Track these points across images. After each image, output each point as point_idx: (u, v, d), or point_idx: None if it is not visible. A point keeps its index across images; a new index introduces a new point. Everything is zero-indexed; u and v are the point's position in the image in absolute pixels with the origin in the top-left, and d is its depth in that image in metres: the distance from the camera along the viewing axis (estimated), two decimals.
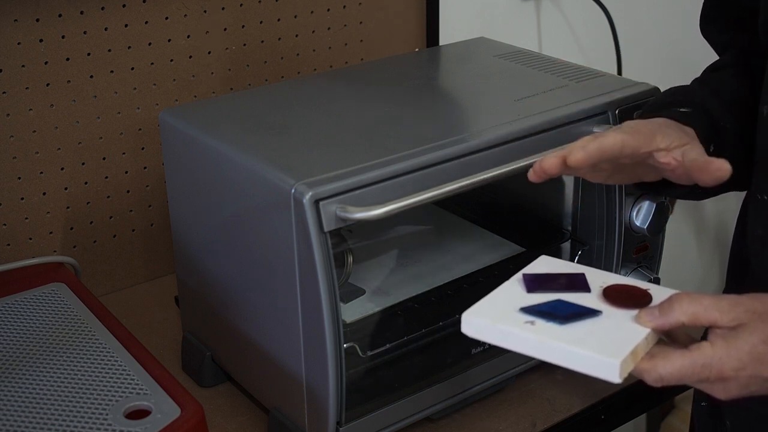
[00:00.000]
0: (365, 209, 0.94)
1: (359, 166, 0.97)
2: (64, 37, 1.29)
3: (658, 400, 1.37)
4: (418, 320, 1.12)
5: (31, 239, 1.34)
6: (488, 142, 1.05)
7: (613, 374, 0.73)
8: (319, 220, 0.93)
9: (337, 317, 0.96)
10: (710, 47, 1.10)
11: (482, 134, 1.06)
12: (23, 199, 1.32)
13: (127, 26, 1.34)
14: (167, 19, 1.37)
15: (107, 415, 0.96)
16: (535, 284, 0.83)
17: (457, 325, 0.81)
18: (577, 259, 1.21)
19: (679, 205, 2.26)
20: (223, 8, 1.42)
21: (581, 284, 0.83)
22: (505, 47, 1.38)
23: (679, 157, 0.86)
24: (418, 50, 1.63)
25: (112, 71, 1.35)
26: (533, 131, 1.08)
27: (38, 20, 1.26)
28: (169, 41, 1.38)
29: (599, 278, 0.84)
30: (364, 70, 1.36)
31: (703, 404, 1.04)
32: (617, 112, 1.13)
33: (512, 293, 0.83)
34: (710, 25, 1.07)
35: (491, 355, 1.13)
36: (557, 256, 1.15)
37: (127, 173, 1.40)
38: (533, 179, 0.88)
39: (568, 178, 1.21)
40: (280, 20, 1.48)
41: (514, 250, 1.26)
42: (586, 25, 1.91)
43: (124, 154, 1.39)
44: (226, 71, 1.45)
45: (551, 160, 0.85)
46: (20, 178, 1.31)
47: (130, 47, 1.35)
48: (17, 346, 1.08)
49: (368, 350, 1.07)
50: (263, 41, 1.47)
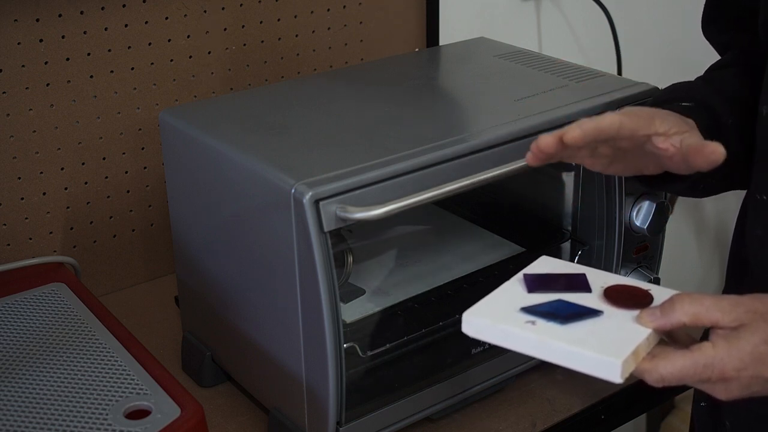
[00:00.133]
0: (365, 209, 0.94)
1: (359, 166, 0.97)
2: (64, 37, 1.29)
3: (658, 400, 1.37)
4: (418, 320, 1.12)
5: (31, 239, 1.34)
6: (488, 142, 1.05)
7: (614, 374, 0.73)
8: (319, 220, 0.93)
9: (337, 317, 0.96)
10: (710, 47, 1.10)
11: (482, 134, 1.06)
12: (23, 199, 1.32)
13: (127, 26, 1.34)
14: (167, 19, 1.37)
15: (107, 415, 0.96)
16: (535, 284, 0.83)
17: (457, 325, 0.81)
18: (577, 259, 1.21)
19: (679, 205, 2.26)
20: (223, 8, 1.42)
21: (582, 284, 0.83)
22: (505, 47, 1.38)
23: (677, 143, 0.85)
24: (418, 50, 1.63)
25: (112, 71, 1.35)
26: (533, 131, 1.07)
27: (38, 20, 1.26)
28: (169, 41, 1.38)
29: (600, 278, 0.84)
30: (364, 70, 1.36)
31: (702, 404, 1.04)
32: (617, 112, 1.13)
33: (513, 293, 0.83)
34: (711, 25, 1.07)
35: (491, 355, 1.13)
36: (557, 256, 1.15)
37: (127, 173, 1.40)
38: (531, 162, 0.87)
39: (567, 177, 1.21)
40: (280, 20, 1.48)
41: (514, 250, 1.26)
42: (586, 25, 1.91)
43: (124, 154, 1.39)
44: (226, 71, 1.45)
45: (547, 138, 0.84)
46: (20, 178, 1.31)
47: (130, 47, 1.35)
48: (17, 346, 1.08)
49: (368, 350, 1.07)
50: (263, 41, 1.47)
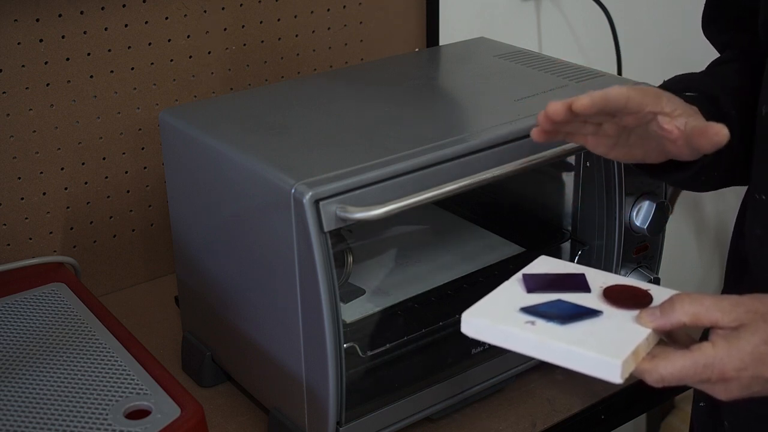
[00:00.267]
0: (365, 209, 0.94)
1: (359, 166, 0.97)
2: (64, 37, 1.29)
3: (658, 400, 1.37)
4: (418, 320, 1.12)
5: (31, 239, 1.34)
6: (488, 142, 1.05)
7: (614, 374, 0.73)
8: (319, 220, 0.93)
9: (337, 317, 0.96)
10: (710, 47, 1.09)
11: (482, 134, 1.06)
12: (23, 199, 1.32)
13: (127, 26, 1.34)
14: (167, 19, 1.37)
15: (107, 415, 0.96)
16: (535, 284, 0.83)
17: (457, 325, 0.81)
18: (577, 259, 1.21)
19: (679, 205, 2.26)
20: (223, 8, 1.42)
21: (581, 284, 0.83)
22: (505, 47, 1.38)
23: (681, 125, 0.85)
24: (418, 50, 1.63)
25: (112, 71, 1.35)
26: (531, 132, 1.07)
27: (38, 20, 1.26)
28: (169, 41, 1.38)
29: (599, 278, 0.84)
30: (364, 70, 1.36)
31: (701, 404, 1.04)
32: None
33: (512, 293, 0.83)
34: (711, 25, 1.06)
35: (491, 355, 1.13)
36: (557, 256, 1.15)
37: (127, 173, 1.40)
38: (537, 137, 0.86)
39: (567, 177, 1.21)
40: (280, 20, 1.48)
41: (514, 250, 1.26)
42: (586, 25, 1.91)
43: (124, 154, 1.39)
44: (226, 71, 1.45)
45: (556, 105, 0.83)
46: (20, 178, 1.31)
47: (130, 47, 1.35)
48: (17, 346, 1.08)
49: (368, 350, 1.07)
50: (263, 41, 1.47)
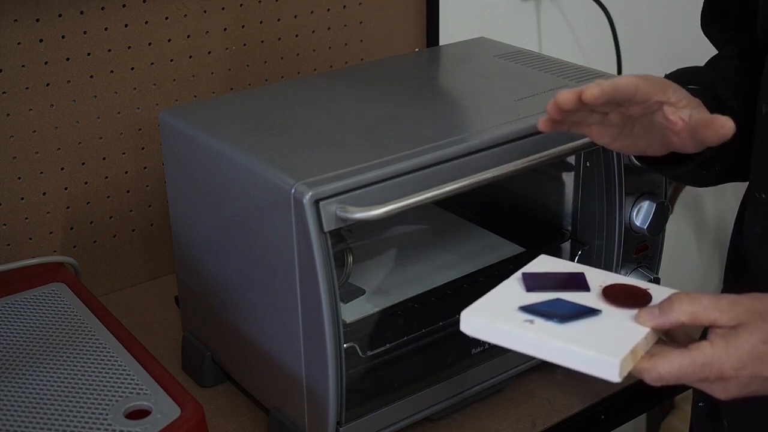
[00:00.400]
0: (365, 209, 0.94)
1: (359, 166, 0.97)
2: (64, 37, 1.29)
3: (658, 400, 1.37)
4: (418, 320, 1.12)
5: (31, 239, 1.34)
6: (488, 142, 1.05)
7: (612, 373, 0.73)
8: (319, 220, 0.93)
9: (337, 317, 0.96)
10: (710, 47, 1.09)
11: (482, 134, 1.06)
12: (23, 199, 1.32)
13: (127, 26, 1.34)
14: (167, 19, 1.37)
15: (107, 415, 0.96)
16: (534, 283, 0.83)
17: (456, 325, 0.81)
18: (577, 259, 1.21)
19: (679, 205, 2.26)
20: (223, 8, 1.42)
21: (581, 283, 0.83)
22: (505, 47, 1.38)
23: (686, 117, 0.85)
24: (418, 50, 1.63)
25: (112, 71, 1.35)
26: (533, 131, 1.07)
27: (38, 20, 1.26)
28: (169, 41, 1.38)
29: (599, 277, 0.84)
30: (364, 70, 1.36)
31: (701, 404, 1.04)
32: None
33: (511, 292, 0.83)
34: (710, 24, 1.06)
35: (491, 355, 1.13)
36: (557, 256, 1.15)
37: (127, 173, 1.40)
38: (544, 126, 0.86)
39: (567, 177, 1.21)
40: (280, 20, 1.48)
41: (514, 250, 1.26)
42: (586, 25, 1.91)
43: (124, 154, 1.39)
44: (226, 71, 1.45)
45: (567, 94, 0.83)
46: (20, 178, 1.31)
47: (130, 47, 1.35)
48: (17, 346, 1.08)
49: (368, 350, 1.07)
50: (263, 41, 1.47)
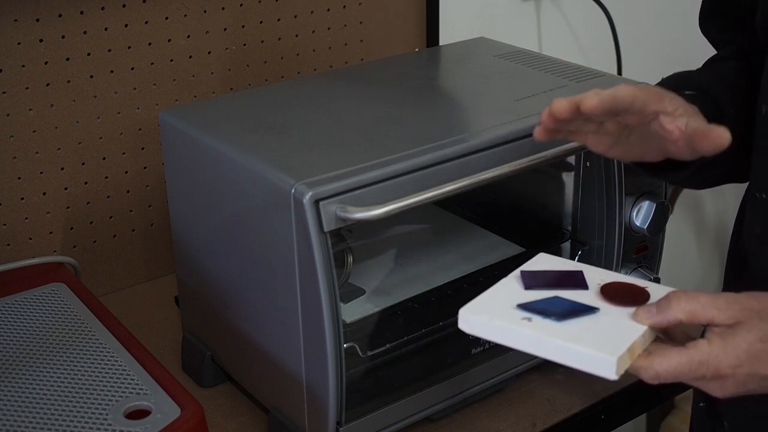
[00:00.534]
0: (365, 209, 0.94)
1: (359, 166, 0.97)
2: (64, 37, 1.29)
3: (658, 400, 1.37)
4: (418, 320, 1.12)
5: (31, 239, 1.34)
6: (488, 142, 1.05)
7: (609, 371, 0.73)
8: (319, 220, 0.93)
9: (337, 317, 0.96)
10: (710, 46, 1.09)
11: (482, 134, 1.06)
12: (23, 199, 1.32)
13: (127, 26, 1.34)
14: (167, 19, 1.37)
15: (107, 415, 0.96)
16: (532, 281, 0.83)
17: (457, 325, 0.81)
18: (577, 259, 1.21)
19: (679, 205, 2.26)
20: (223, 8, 1.42)
21: (579, 281, 0.83)
22: (505, 47, 1.38)
23: (682, 125, 0.85)
24: (418, 50, 1.63)
25: (112, 71, 1.35)
26: (533, 131, 1.07)
27: (38, 20, 1.26)
28: (169, 41, 1.38)
29: (597, 276, 0.84)
30: (364, 70, 1.36)
31: (701, 405, 1.04)
32: None
33: (510, 290, 0.83)
34: (709, 23, 1.06)
35: (491, 355, 1.13)
36: (557, 255, 1.15)
37: (127, 173, 1.40)
38: (540, 136, 0.85)
39: (567, 177, 1.21)
40: (280, 20, 1.48)
41: (514, 250, 1.26)
42: (586, 25, 1.91)
43: (124, 154, 1.39)
44: (226, 71, 1.45)
45: (561, 102, 0.82)
46: (20, 178, 1.31)
47: (130, 47, 1.35)
48: (17, 346, 1.08)
49: (368, 350, 1.07)
50: (263, 41, 1.47)
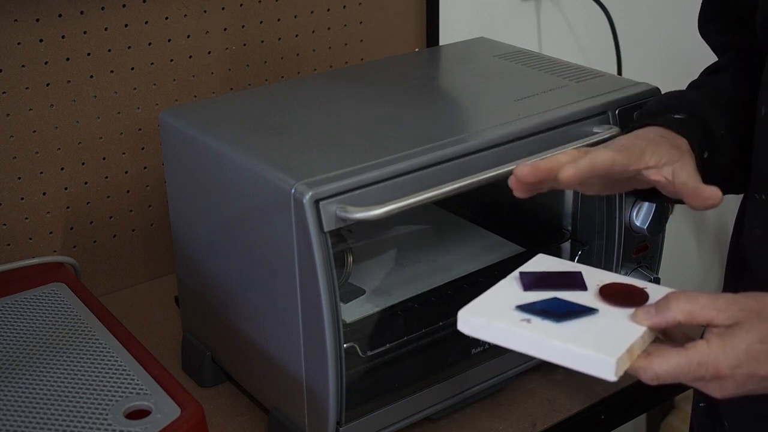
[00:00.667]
0: (365, 209, 0.94)
1: (359, 166, 0.97)
2: (64, 37, 1.29)
3: (658, 400, 1.37)
4: (418, 320, 1.12)
5: (31, 239, 1.34)
6: (488, 142, 1.05)
7: (608, 372, 0.73)
8: (319, 220, 0.93)
9: (337, 317, 0.96)
10: (710, 47, 1.09)
11: (482, 134, 1.06)
12: (23, 199, 1.32)
13: (127, 26, 1.34)
14: (167, 19, 1.37)
15: (107, 415, 0.96)
16: (531, 282, 0.83)
17: (456, 325, 0.81)
18: (577, 259, 1.21)
19: (679, 205, 2.25)
20: (223, 8, 1.42)
21: (578, 282, 0.83)
22: (505, 47, 1.38)
23: (669, 175, 0.86)
24: (418, 50, 1.63)
25: (112, 71, 1.35)
26: (533, 131, 1.08)
27: (38, 20, 1.26)
28: (169, 41, 1.38)
29: (596, 276, 0.84)
30: (364, 70, 1.36)
31: (701, 405, 1.04)
32: (617, 112, 1.13)
33: (509, 291, 0.83)
34: (709, 25, 1.06)
35: (491, 355, 1.13)
36: (557, 256, 1.15)
37: (127, 173, 1.41)
38: (519, 193, 0.86)
39: None
40: (280, 20, 1.48)
41: (514, 250, 1.26)
42: (586, 25, 1.91)
43: (124, 154, 1.39)
44: (226, 71, 1.45)
45: (523, 169, 0.83)
46: (20, 178, 1.31)
47: (130, 47, 1.35)
48: (17, 346, 1.08)
49: (368, 350, 1.07)
50: (263, 41, 1.47)
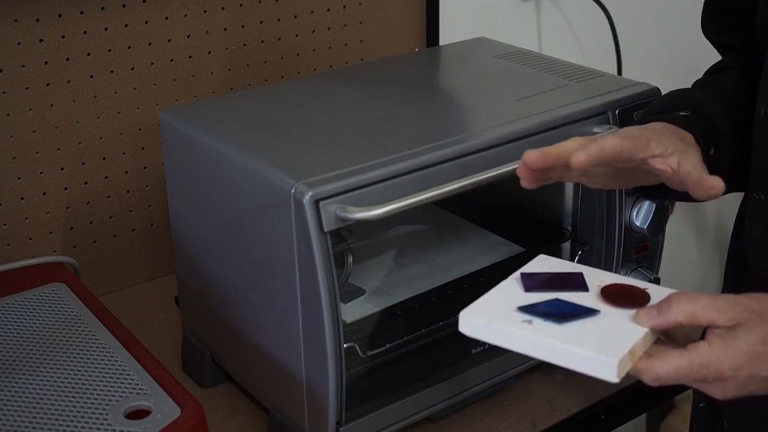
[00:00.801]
0: (365, 209, 0.94)
1: (359, 166, 0.97)
2: (64, 37, 1.29)
3: (658, 400, 1.37)
4: (418, 320, 1.12)
5: (31, 239, 1.34)
6: (488, 142, 1.05)
7: (610, 373, 0.73)
8: (319, 220, 0.93)
9: (337, 317, 0.96)
10: (710, 47, 1.09)
11: (482, 134, 1.06)
12: (23, 199, 1.32)
13: (127, 26, 1.34)
14: (167, 19, 1.37)
15: (107, 415, 0.96)
16: (532, 283, 0.83)
17: (457, 325, 0.81)
18: (577, 259, 1.21)
19: (679, 205, 2.24)
20: (223, 8, 1.42)
21: (579, 283, 0.83)
22: (505, 47, 1.38)
23: (674, 165, 0.86)
24: (418, 50, 1.63)
25: (112, 71, 1.35)
26: (533, 131, 1.08)
27: (38, 20, 1.26)
28: (169, 41, 1.38)
29: (597, 277, 0.84)
30: (364, 70, 1.36)
31: (701, 405, 1.04)
32: (617, 112, 1.13)
33: (510, 292, 0.83)
34: (710, 25, 1.06)
35: (491, 355, 1.13)
36: (557, 256, 1.15)
37: (127, 173, 1.40)
38: (527, 183, 0.86)
39: None
40: (280, 20, 1.48)
41: (514, 250, 1.26)
42: (586, 25, 1.91)
43: (124, 154, 1.39)
44: (226, 71, 1.45)
45: (533, 154, 0.83)
46: (20, 178, 1.31)
47: (130, 47, 1.35)
48: (17, 346, 1.08)
49: (368, 350, 1.07)
50: (263, 41, 1.47)
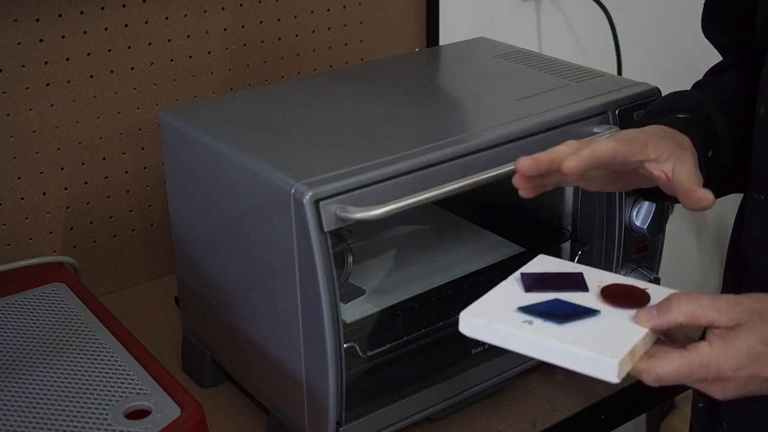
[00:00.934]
0: (365, 209, 0.94)
1: (359, 166, 0.97)
2: (64, 37, 1.29)
3: (658, 400, 1.37)
4: (418, 320, 1.12)
5: (31, 239, 1.34)
6: (488, 142, 1.05)
7: (611, 374, 0.73)
8: (319, 220, 0.93)
9: (337, 317, 0.96)
10: (711, 47, 1.09)
11: (482, 134, 1.06)
12: (23, 199, 1.32)
13: (127, 26, 1.34)
14: (167, 19, 1.37)
15: (107, 415, 0.96)
16: (532, 283, 0.83)
17: (457, 325, 0.81)
18: (577, 259, 1.21)
19: (679, 205, 2.25)
20: (223, 8, 1.42)
21: (579, 283, 0.83)
22: (505, 47, 1.38)
23: (668, 171, 0.86)
24: (418, 50, 1.63)
25: (112, 71, 1.35)
26: (533, 131, 1.08)
27: (38, 20, 1.26)
28: (169, 41, 1.38)
29: (597, 277, 0.84)
30: (364, 70, 1.36)
31: (700, 405, 1.04)
32: (617, 112, 1.13)
33: (510, 292, 0.83)
34: (711, 25, 1.06)
35: (491, 355, 1.13)
36: (557, 256, 1.15)
37: (127, 173, 1.40)
38: (525, 192, 0.86)
39: None
40: (280, 20, 1.48)
41: (514, 250, 1.26)
42: (586, 25, 1.91)
43: (124, 154, 1.39)
44: (226, 71, 1.45)
45: (525, 161, 0.83)
46: (20, 178, 1.31)
47: (130, 47, 1.35)
48: (17, 346, 1.08)
49: (368, 350, 1.07)
50: (263, 41, 1.47)
